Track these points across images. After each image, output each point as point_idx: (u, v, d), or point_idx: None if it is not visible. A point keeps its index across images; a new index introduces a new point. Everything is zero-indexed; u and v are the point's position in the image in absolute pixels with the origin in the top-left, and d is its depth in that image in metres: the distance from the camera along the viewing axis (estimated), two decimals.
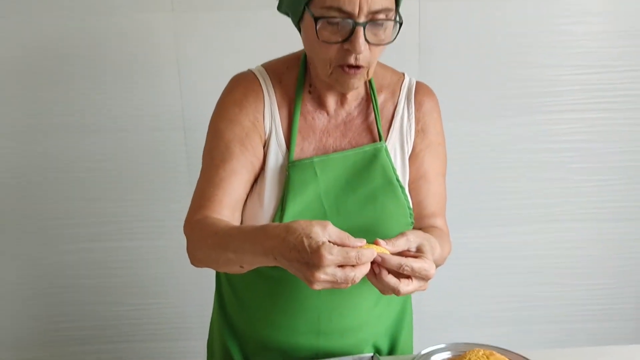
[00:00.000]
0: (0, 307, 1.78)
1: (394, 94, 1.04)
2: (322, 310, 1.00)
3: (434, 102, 1.05)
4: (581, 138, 1.68)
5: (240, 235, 0.85)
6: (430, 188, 1.04)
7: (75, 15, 1.55)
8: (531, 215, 1.74)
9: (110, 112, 1.62)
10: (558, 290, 1.80)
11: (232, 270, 0.91)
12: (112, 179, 1.68)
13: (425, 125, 1.03)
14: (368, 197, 0.97)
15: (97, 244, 1.73)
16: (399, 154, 1.02)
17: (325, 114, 1.01)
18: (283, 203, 0.95)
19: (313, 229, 0.75)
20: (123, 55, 1.58)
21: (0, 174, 1.67)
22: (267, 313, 1.03)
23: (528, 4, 1.58)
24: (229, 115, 0.98)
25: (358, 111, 1.02)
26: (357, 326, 1.03)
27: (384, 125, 1.02)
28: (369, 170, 0.98)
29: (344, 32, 0.86)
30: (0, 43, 1.57)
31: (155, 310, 1.79)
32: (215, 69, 1.57)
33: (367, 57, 0.89)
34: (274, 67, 1.02)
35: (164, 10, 1.56)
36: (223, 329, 1.12)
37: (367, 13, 0.85)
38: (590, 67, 1.63)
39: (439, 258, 0.88)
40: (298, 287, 0.99)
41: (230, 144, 0.96)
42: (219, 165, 0.96)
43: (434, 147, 1.04)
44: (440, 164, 1.06)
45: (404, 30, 1.57)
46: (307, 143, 0.99)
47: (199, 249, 0.93)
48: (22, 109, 1.62)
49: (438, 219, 1.06)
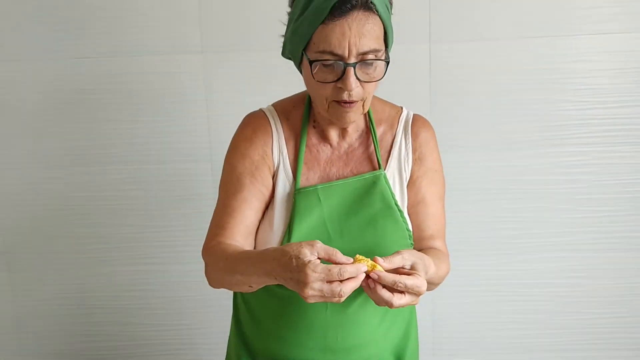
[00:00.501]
0: (37, 325, 1.86)
1: (392, 126, 1.12)
2: (329, 328, 1.07)
3: (429, 133, 1.13)
4: (588, 170, 1.72)
5: (246, 260, 0.95)
6: (429, 211, 1.11)
7: (115, 56, 1.68)
8: (541, 245, 1.77)
9: (143, 145, 1.73)
10: (564, 318, 1.82)
11: (243, 289, 1.00)
12: (141, 206, 1.77)
13: (422, 154, 1.11)
14: (369, 220, 1.05)
15: (124, 268, 1.81)
16: (397, 181, 1.09)
17: (329, 146, 1.09)
18: (290, 227, 1.04)
19: (302, 250, 0.85)
20: (156, 92, 1.70)
21: (36, 201, 1.77)
22: (278, 329, 1.10)
23: (532, 44, 1.66)
24: (240, 150, 1.08)
25: (359, 142, 1.10)
26: (362, 344, 1.09)
27: (383, 154, 1.10)
28: (369, 196, 1.06)
29: (336, 72, 0.95)
30: (45, 80, 1.70)
31: (177, 331, 1.86)
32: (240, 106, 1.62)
33: (360, 93, 0.97)
34: (282, 106, 1.13)
35: (193, 52, 1.67)
36: (239, 346, 1.19)
37: (356, 55, 0.94)
38: (596, 102, 1.68)
39: (433, 276, 0.96)
40: (306, 305, 1.06)
41: (242, 177, 1.06)
42: (232, 196, 1.06)
43: (431, 173, 1.12)
44: (438, 189, 1.13)
45: (416, 71, 1.69)
46: (312, 173, 1.07)
47: (213, 271, 1.03)
48: (63, 142, 1.74)
49: (437, 241, 1.12)
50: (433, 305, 1.82)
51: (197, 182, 1.74)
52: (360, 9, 0.93)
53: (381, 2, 0.96)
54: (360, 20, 0.93)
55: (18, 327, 1.87)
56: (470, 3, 1.64)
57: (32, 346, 1.88)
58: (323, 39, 0.94)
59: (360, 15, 0.93)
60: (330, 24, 0.93)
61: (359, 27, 0.93)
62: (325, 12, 0.93)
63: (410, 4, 1.64)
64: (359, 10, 0.93)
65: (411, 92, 1.68)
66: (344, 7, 0.92)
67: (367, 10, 0.94)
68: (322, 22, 0.93)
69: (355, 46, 0.93)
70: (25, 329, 1.87)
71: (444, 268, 1.07)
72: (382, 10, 0.96)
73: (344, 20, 0.92)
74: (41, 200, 1.78)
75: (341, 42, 0.93)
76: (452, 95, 1.69)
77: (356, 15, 0.93)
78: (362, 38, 0.93)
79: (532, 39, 1.65)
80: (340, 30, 0.92)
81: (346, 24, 0.92)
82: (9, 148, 1.75)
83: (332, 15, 0.92)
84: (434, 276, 0.97)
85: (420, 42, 1.66)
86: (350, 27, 0.92)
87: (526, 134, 1.71)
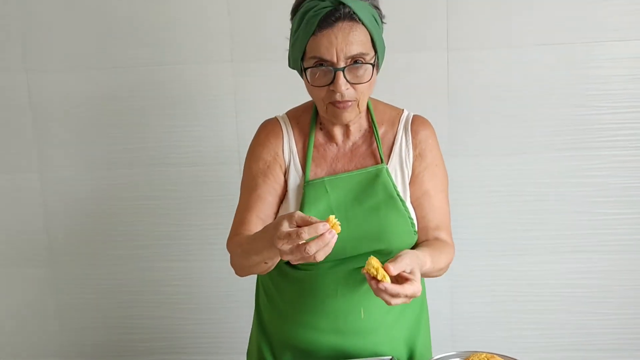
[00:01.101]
0: (77, 318, 1.96)
1: (393, 125, 1.21)
2: (340, 311, 1.17)
3: (429, 131, 1.21)
4: (603, 174, 1.75)
5: (254, 240, 1.05)
6: (433, 203, 1.19)
7: (151, 65, 1.78)
8: (557, 246, 1.80)
9: (177, 149, 1.82)
10: (580, 318, 1.84)
11: (262, 268, 1.08)
12: (175, 206, 1.85)
13: (422, 150, 1.19)
14: (373, 208, 1.14)
15: (159, 264, 1.89)
16: (399, 175, 1.18)
17: (335, 145, 1.19)
18: None
19: (281, 222, 0.93)
20: (189, 99, 1.79)
21: (79, 201, 1.87)
22: (294, 312, 1.20)
23: (547, 51, 1.69)
24: (255, 154, 1.21)
25: (362, 141, 1.19)
26: (372, 328, 1.18)
27: (385, 151, 1.19)
28: (372, 187, 1.15)
29: (328, 77, 1.06)
30: (89, 89, 1.81)
31: (209, 325, 1.93)
32: (267, 111, 1.68)
33: (352, 94, 1.07)
34: (294, 112, 1.24)
35: (224, 61, 1.76)
36: (259, 336, 1.29)
37: (344, 59, 1.04)
38: (611, 107, 1.71)
39: (430, 270, 1.06)
40: (319, 289, 1.17)
41: (256, 177, 1.18)
42: (249, 194, 1.18)
43: (432, 168, 1.20)
44: (440, 182, 1.21)
45: (435, 78, 1.73)
46: (320, 168, 1.18)
47: (236, 260, 1.14)
48: (105, 146, 1.84)
49: (442, 231, 1.20)
50: (451, 304, 1.86)
51: (226, 184, 1.82)
52: (345, 20, 1.04)
53: (366, 14, 1.06)
54: (346, 29, 1.04)
55: (60, 320, 1.97)
56: (486, 12, 1.69)
57: (73, 337, 1.98)
58: (314, 48, 1.05)
59: (345, 25, 1.04)
60: (319, 34, 1.04)
61: (344, 35, 1.04)
62: (314, 25, 1.04)
63: (428, 14, 1.70)
64: (344, 21, 1.04)
65: (430, 98, 1.74)
66: (329, 19, 1.03)
67: (351, 20, 1.05)
68: (312, 33, 1.05)
69: (342, 52, 1.04)
70: (66, 322, 1.97)
71: (443, 259, 1.15)
72: (367, 20, 1.06)
73: (330, 30, 1.04)
74: (84, 201, 1.88)
75: (329, 49, 1.04)
76: (470, 101, 1.74)
77: (341, 26, 1.04)
78: (348, 44, 1.04)
79: (548, 46, 1.69)
80: (328, 39, 1.04)
81: (332, 34, 1.04)
82: (57, 152, 1.86)
83: (320, 27, 1.04)
84: (431, 270, 1.08)
85: (438, 49, 1.72)
86: (336, 36, 1.04)
87: (542, 138, 1.75)
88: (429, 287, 1.84)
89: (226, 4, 1.74)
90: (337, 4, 1.04)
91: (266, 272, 1.12)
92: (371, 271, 0.97)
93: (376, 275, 0.96)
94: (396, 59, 1.71)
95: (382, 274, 0.96)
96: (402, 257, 1.00)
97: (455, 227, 1.78)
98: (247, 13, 1.74)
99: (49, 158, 1.87)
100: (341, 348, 1.18)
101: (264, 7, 1.73)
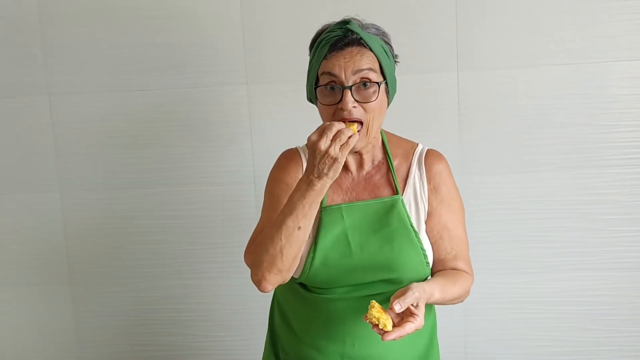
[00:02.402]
0: (95, 335, 1.98)
1: (407, 158, 1.24)
2: (347, 336, 1.19)
3: (442, 165, 1.24)
4: (614, 191, 1.75)
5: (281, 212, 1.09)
6: (452, 235, 1.22)
7: (170, 88, 1.82)
8: (571, 263, 1.80)
9: (195, 169, 1.85)
10: (594, 336, 1.83)
11: (291, 252, 1.09)
12: (193, 225, 1.88)
13: (437, 184, 1.22)
14: (387, 237, 1.17)
15: (178, 282, 1.92)
16: (413, 206, 1.21)
17: (350, 175, 1.23)
18: (316, 238, 1.17)
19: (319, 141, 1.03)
20: (205, 121, 1.83)
21: (100, 220, 1.91)
22: (305, 333, 1.22)
23: (556, 70, 1.71)
24: (276, 177, 1.25)
25: (376, 171, 1.23)
26: (378, 355, 1.19)
27: (400, 182, 1.22)
28: (387, 217, 1.18)
29: (337, 96, 1.11)
30: (111, 111, 1.85)
31: (226, 342, 1.94)
32: (282, 133, 1.79)
33: (361, 113, 1.11)
34: None
35: (239, 83, 1.80)
36: (270, 354, 1.31)
37: (351, 74, 1.10)
38: (621, 126, 1.72)
39: (439, 300, 1.12)
40: (331, 313, 1.19)
41: (280, 197, 1.21)
42: (270, 213, 1.20)
43: (447, 201, 1.23)
44: (457, 214, 1.24)
45: (445, 98, 1.76)
46: (336, 195, 1.21)
47: (257, 265, 1.12)
48: (126, 166, 1.88)
49: (460, 261, 1.23)
50: (465, 323, 1.86)
51: (243, 203, 1.85)
52: (354, 45, 1.12)
53: (375, 43, 1.13)
54: (355, 53, 1.11)
55: (78, 337, 1.99)
56: (495, 33, 1.72)
57: (90, 354, 2.00)
58: (324, 68, 1.13)
59: (354, 50, 1.11)
60: (330, 57, 1.12)
61: (352, 56, 1.11)
62: (325, 49, 1.12)
63: (438, 35, 1.74)
64: (353, 46, 1.12)
65: (440, 118, 1.77)
66: (339, 44, 1.11)
67: (360, 46, 1.12)
68: (324, 57, 1.12)
69: (350, 71, 1.10)
70: (84, 339, 1.99)
71: (457, 289, 1.18)
72: (376, 48, 1.12)
73: (340, 53, 1.11)
74: (104, 220, 1.92)
75: (337, 67, 1.11)
76: (480, 120, 1.76)
77: (351, 50, 1.11)
78: (355, 64, 1.10)
79: (557, 67, 1.71)
80: (337, 61, 1.11)
81: (342, 56, 1.11)
82: (78, 172, 1.90)
83: (331, 52, 1.12)
84: (441, 300, 1.12)
85: (448, 70, 1.75)
86: (345, 58, 1.11)
87: (552, 156, 1.76)
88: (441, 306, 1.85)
89: (241, 29, 1.79)
90: (346, 31, 1.11)
91: (297, 254, 1.11)
92: (373, 321, 1.00)
93: (377, 324, 1.00)
94: (407, 80, 1.75)
95: (383, 323, 1.00)
96: (409, 294, 1.03)
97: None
98: (261, 37, 1.79)
99: (70, 178, 1.91)
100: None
101: (278, 30, 1.77)
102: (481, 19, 1.73)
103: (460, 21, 1.73)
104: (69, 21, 1.83)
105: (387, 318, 1.01)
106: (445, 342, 1.86)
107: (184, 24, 1.80)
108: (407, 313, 1.03)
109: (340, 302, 1.19)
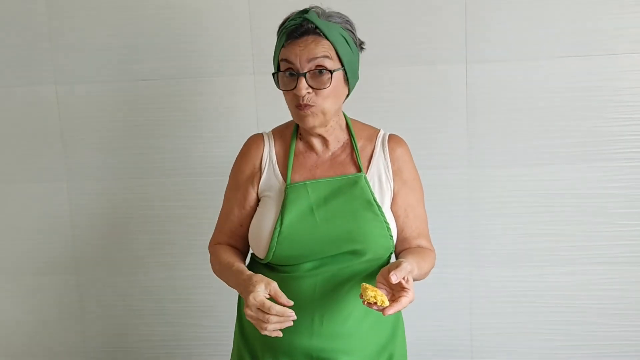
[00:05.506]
0: (101, 324, 2.00)
1: (371, 141, 1.31)
2: (316, 312, 1.23)
3: (403, 148, 1.32)
4: (624, 185, 1.75)
5: (230, 274, 1.23)
6: (416, 214, 1.30)
7: (176, 77, 1.83)
8: (579, 257, 1.80)
9: (202, 159, 1.86)
10: (604, 330, 1.83)
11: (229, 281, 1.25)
12: (200, 215, 1.88)
13: (399, 167, 1.29)
14: (351, 210, 1.23)
15: (185, 272, 1.93)
16: (377, 185, 1.27)
17: (314, 154, 1.29)
18: (282, 214, 1.22)
19: (259, 284, 1.10)
20: (214, 110, 1.84)
21: (107, 210, 1.92)
22: None
23: (566, 62, 1.70)
24: (237, 164, 1.34)
25: (341, 151, 1.29)
26: (346, 333, 1.24)
27: (364, 162, 1.28)
28: (351, 192, 1.24)
29: (293, 82, 1.18)
30: (118, 101, 1.86)
31: (232, 332, 1.92)
32: (286, 120, 1.80)
33: (314, 99, 1.18)
34: (278, 128, 1.36)
35: (245, 74, 1.81)
36: (240, 340, 1.34)
37: (307, 66, 1.16)
38: (632, 119, 1.71)
39: (417, 276, 1.17)
40: (297, 289, 1.22)
41: (237, 183, 1.32)
42: (230, 195, 1.33)
43: (410, 182, 1.30)
44: (418, 194, 1.32)
45: (453, 90, 1.75)
46: (299, 174, 1.27)
47: (212, 266, 1.33)
48: (131, 157, 1.89)
49: (423, 239, 1.31)
50: (470, 315, 1.87)
51: None
52: (310, 35, 1.17)
53: (333, 31, 1.18)
54: (310, 42, 1.17)
55: (84, 326, 2.02)
56: (504, 25, 1.71)
57: (96, 343, 2.03)
58: (283, 55, 1.20)
59: (310, 39, 1.17)
60: (287, 45, 1.19)
61: (307, 45, 1.17)
62: (284, 38, 1.19)
63: (447, 27, 1.73)
64: (309, 36, 1.17)
65: (449, 111, 1.76)
66: (296, 32, 1.17)
67: (316, 35, 1.17)
68: (282, 45, 1.19)
69: (304, 59, 1.16)
70: (90, 328, 2.01)
71: (427, 265, 1.26)
72: (333, 36, 1.17)
73: (296, 42, 1.17)
74: (111, 210, 1.93)
75: (293, 55, 1.17)
76: (488, 113, 1.75)
77: (306, 39, 1.17)
78: (310, 52, 1.16)
79: (567, 58, 1.70)
80: (293, 49, 1.18)
81: (297, 45, 1.17)
82: (84, 162, 1.92)
83: (288, 40, 1.18)
84: (417, 276, 1.18)
85: (456, 62, 1.74)
86: (300, 46, 1.17)
87: (562, 149, 1.75)
88: (450, 298, 1.86)
89: (248, 18, 1.79)
90: (302, 20, 1.17)
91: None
92: (371, 300, 1.05)
93: (376, 302, 1.05)
94: (416, 71, 1.74)
95: (381, 300, 1.05)
96: (403, 266, 1.09)
97: (474, 238, 1.81)
98: (268, 26, 1.74)
99: (77, 168, 1.92)
100: (315, 350, 1.23)
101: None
102: (490, 11, 1.72)
103: (469, 13, 1.72)
104: (76, 11, 1.84)
105: (382, 295, 1.06)
106: (451, 334, 1.88)
107: (190, 14, 1.80)
108: (397, 288, 1.09)
109: (307, 279, 1.23)
